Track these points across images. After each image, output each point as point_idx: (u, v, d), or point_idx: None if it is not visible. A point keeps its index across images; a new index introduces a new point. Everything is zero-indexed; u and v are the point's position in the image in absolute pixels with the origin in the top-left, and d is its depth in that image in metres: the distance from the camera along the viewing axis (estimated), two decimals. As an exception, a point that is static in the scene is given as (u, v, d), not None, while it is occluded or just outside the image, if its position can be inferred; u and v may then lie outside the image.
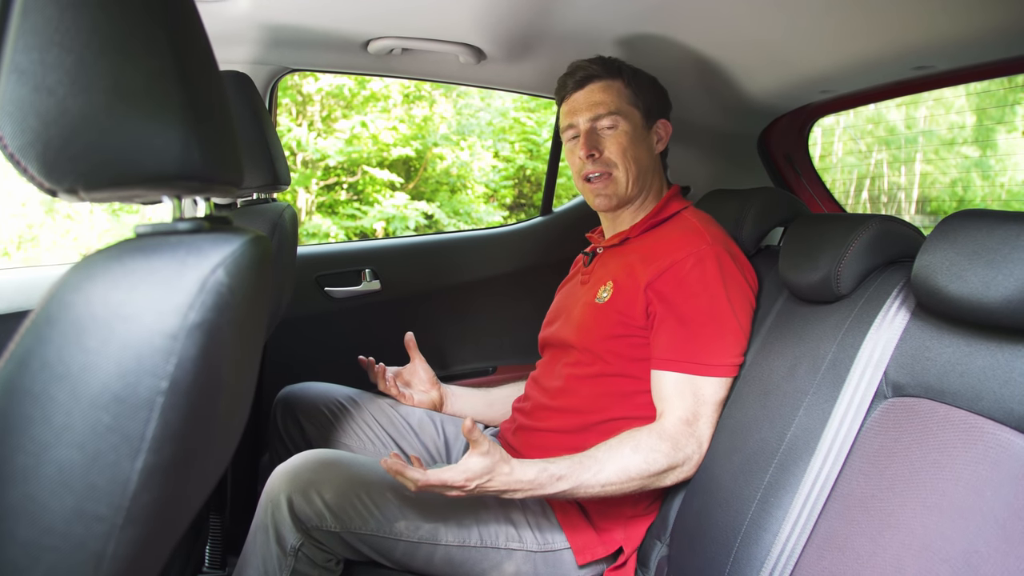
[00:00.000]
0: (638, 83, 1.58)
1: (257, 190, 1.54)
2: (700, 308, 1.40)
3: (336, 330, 2.30)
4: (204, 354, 0.52)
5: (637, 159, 1.55)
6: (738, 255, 1.49)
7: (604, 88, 1.56)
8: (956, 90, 4.74)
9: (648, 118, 1.59)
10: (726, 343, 1.40)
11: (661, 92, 1.64)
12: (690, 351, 1.38)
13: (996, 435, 0.85)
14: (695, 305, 1.40)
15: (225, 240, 0.57)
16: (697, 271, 1.41)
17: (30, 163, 0.52)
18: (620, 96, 1.56)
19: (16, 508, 0.49)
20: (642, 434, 1.34)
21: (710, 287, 1.40)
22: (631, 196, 1.58)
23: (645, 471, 1.31)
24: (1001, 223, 0.89)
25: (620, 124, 1.55)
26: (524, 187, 7.49)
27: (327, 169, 6.68)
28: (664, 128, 1.62)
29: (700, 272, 1.41)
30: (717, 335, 1.39)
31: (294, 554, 1.28)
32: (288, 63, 1.93)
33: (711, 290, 1.40)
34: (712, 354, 1.38)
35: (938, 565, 0.83)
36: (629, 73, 1.58)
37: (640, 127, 1.57)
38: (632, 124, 1.56)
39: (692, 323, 1.39)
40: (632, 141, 1.55)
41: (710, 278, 1.40)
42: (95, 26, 0.52)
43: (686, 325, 1.40)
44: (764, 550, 1.09)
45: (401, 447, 1.70)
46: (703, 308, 1.40)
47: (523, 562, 1.40)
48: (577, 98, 1.58)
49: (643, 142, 1.57)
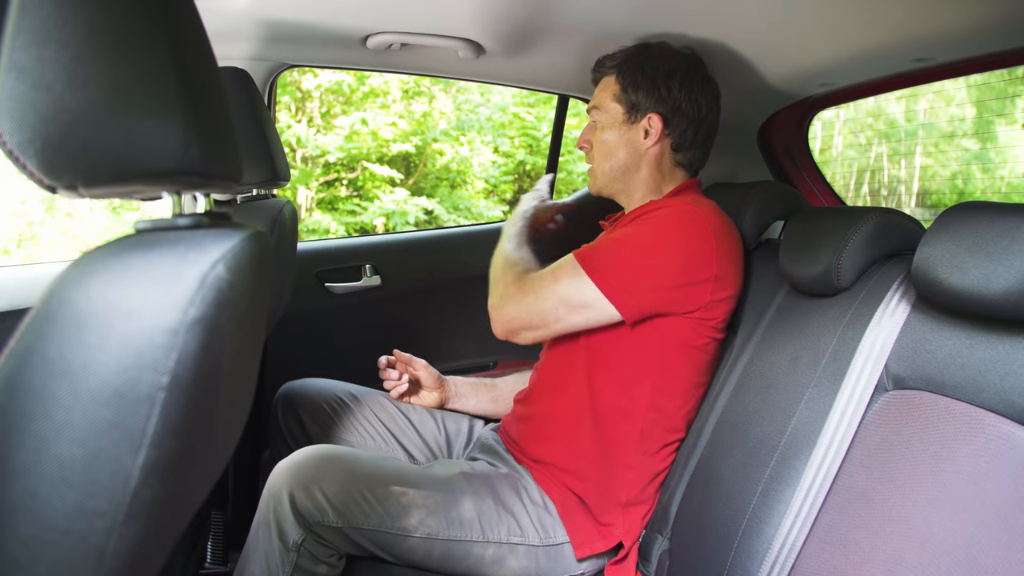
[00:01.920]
0: (627, 76, 1.57)
1: (257, 186, 1.54)
2: (633, 233, 1.42)
3: (336, 326, 2.30)
4: (205, 350, 0.52)
5: (611, 154, 1.59)
6: (722, 228, 1.46)
7: (602, 85, 1.62)
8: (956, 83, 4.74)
9: (632, 112, 1.57)
10: (628, 271, 1.39)
11: (660, 84, 1.56)
12: (593, 249, 1.43)
13: (997, 427, 0.85)
14: (632, 230, 1.43)
15: (225, 236, 0.57)
16: (660, 213, 1.44)
17: (29, 160, 0.52)
18: (608, 91, 1.59)
19: (17, 504, 0.49)
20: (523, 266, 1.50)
21: (658, 224, 1.41)
22: (616, 189, 1.63)
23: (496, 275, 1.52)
24: (1001, 215, 0.89)
25: (600, 119, 1.60)
26: (524, 182, 7.48)
27: (327, 165, 6.67)
28: (654, 124, 1.55)
29: (661, 215, 1.43)
30: (625, 259, 1.39)
31: (296, 550, 1.29)
32: (287, 59, 1.93)
33: (656, 227, 1.41)
34: (611, 264, 1.39)
35: (939, 557, 0.84)
36: (625, 66, 1.58)
37: (620, 122, 1.58)
38: (610, 120, 1.58)
39: (616, 238, 1.42)
40: (609, 136, 1.59)
41: (664, 219, 1.42)
42: (93, 22, 0.52)
43: (609, 238, 1.44)
44: (765, 543, 1.09)
45: (402, 443, 1.71)
46: (635, 234, 1.42)
47: (524, 556, 1.40)
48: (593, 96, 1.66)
49: (623, 137, 1.58)
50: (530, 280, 1.44)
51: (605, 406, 1.47)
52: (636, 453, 1.47)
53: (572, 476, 1.48)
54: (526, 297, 1.42)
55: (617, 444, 1.47)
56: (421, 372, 1.77)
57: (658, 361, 1.44)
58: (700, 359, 1.48)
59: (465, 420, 1.81)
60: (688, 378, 1.48)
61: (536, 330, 1.45)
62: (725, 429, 1.33)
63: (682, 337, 1.44)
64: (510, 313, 1.44)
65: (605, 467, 1.47)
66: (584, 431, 1.47)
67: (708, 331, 1.46)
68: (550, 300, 1.41)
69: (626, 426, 1.46)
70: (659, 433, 1.47)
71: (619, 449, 1.47)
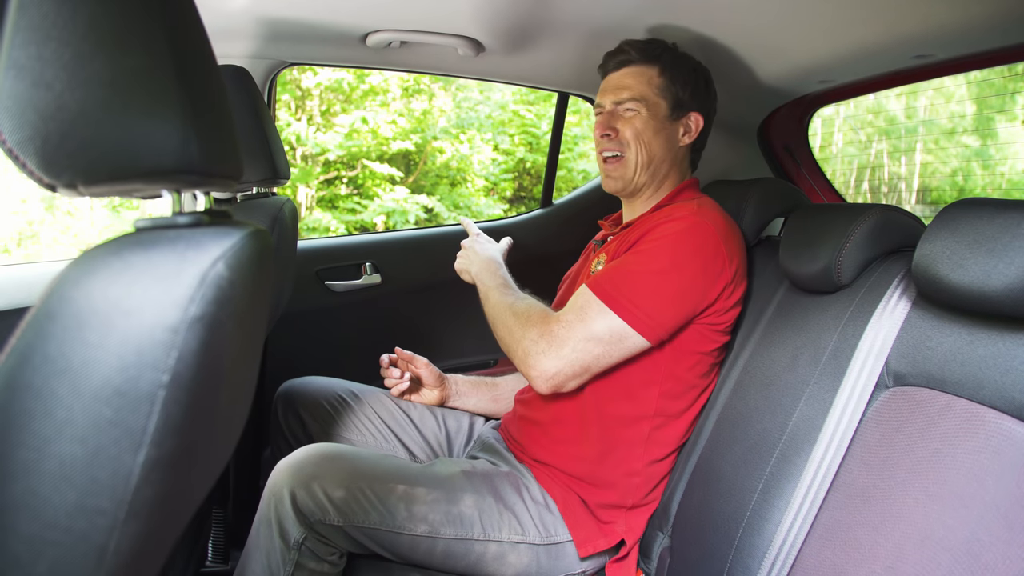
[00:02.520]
0: (674, 72, 1.56)
1: (257, 184, 1.54)
2: (650, 257, 1.40)
3: (337, 324, 2.30)
4: (205, 347, 0.52)
5: (650, 146, 1.55)
6: (728, 232, 1.46)
7: (636, 73, 1.56)
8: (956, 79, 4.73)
9: (677, 109, 1.57)
10: (653, 300, 1.38)
11: (701, 84, 1.61)
12: (614, 282, 1.40)
13: (998, 424, 0.85)
14: (647, 250, 1.41)
15: (225, 234, 0.57)
16: (670, 228, 1.42)
17: (29, 158, 0.52)
18: (649, 84, 1.56)
19: (18, 503, 0.49)
20: (538, 314, 1.44)
21: (673, 245, 1.40)
22: (641, 183, 1.58)
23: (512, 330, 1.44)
24: (1001, 212, 0.89)
25: (641, 111, 1.55)
26: (524, 180, 7.48)
27: (327, 163, 6.66)
28: (695, 121, 1.59)
29: (672, 230, 1.42)
30: (648, 288, 1.38)
31: (297, 548, 1.29)
32: (287, 57, 1.93)
33: (672, 248, 1.40)
34: (633, 297, 1.37)
35: (940, 554, 0.84)
36: (669, 61, 1.56)
37: (663, 117, 1.56)
38: (653, 113, 1.55)
39: (633, 264, 1.40)
40: (649, 128, 1.55)
41: (677, 238, 1.41)
42: (92, 20, 0.52)
43: (625, 263, 1.42)
44: (766, 540, 1.09)
45: (402, 440, 1.71)
46: (652, 258, 1.40)
47: (526, 554, 1.40)
48: (611, 79, 1.60)
49: (662, 132, 1.56)
50: (558, 329, 1.39)
51: (611, 413, 1.46)
52: (642, 460, 1.47)
53: (576, 479, 1.48)
54: (562, 350, 1.37)
55: (622, 450, 1.46)
56: (422, 370, 1.77)
57: (666, 368, 1.44)
58: (706, 363, 1.48)
59: (466, 418, 1.81)
60: (693, 383, 1.48)
61: (580, 377, 1.40)
62: (726, 426, 1.33)
63: (692, 345, 1.44)
64: (551, 368, 1.38)
65: (610, 473, 1.47)
66: (590, 437, 1.47)
67: (717, 336, 1.46)
68: (586, 345, 1.37)
69: (631, 432, 1.46)
70: (664, 439, 1.47)
71: (624, 455, 1.47)
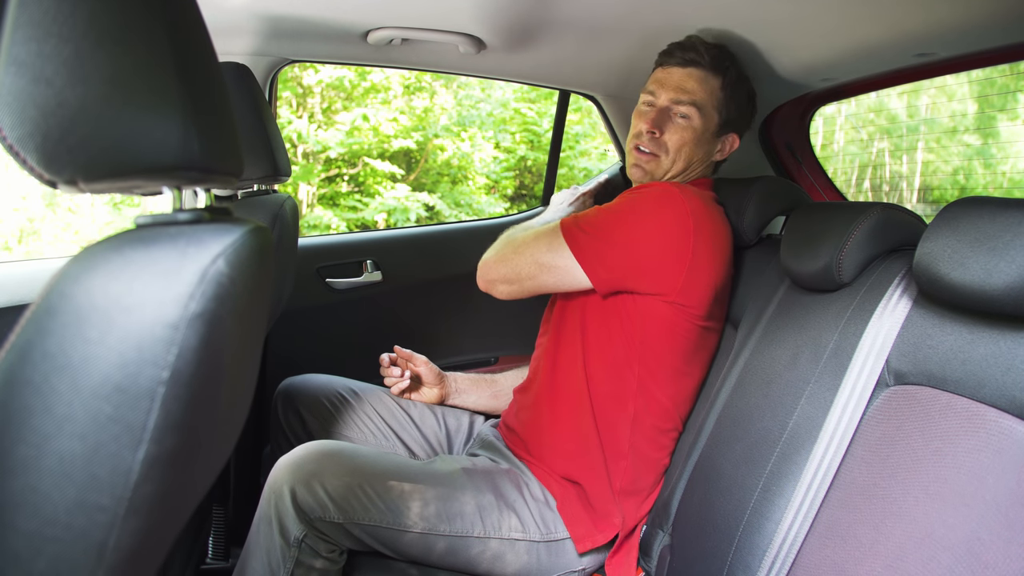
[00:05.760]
0: (734, 91, 1.57)
1: (257, 181, 1.54)
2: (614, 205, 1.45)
3: (337, 322, 2.30)
4: (205, 344, 0.52)
5: (689, 157, 1.57)
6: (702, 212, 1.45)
7: (702, 79, 1.55)
8: (958, 78, 4.72)
9: (723, 127, 1.59)
10: (608, 251, 1.41)
11: (750, 109, 1.65)
12: (576, 219, 1.46)
13: (998, 423, 0.85)
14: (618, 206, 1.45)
15: (225, 230, 0.57)
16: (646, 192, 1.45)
17: (29, 154, 0.52)
18: (711, 94, 1.55)
19: (18, 499, 0.49)
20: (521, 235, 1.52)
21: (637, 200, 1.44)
22: (665, 180, 1.60)
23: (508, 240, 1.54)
24: (1003, 210, 0.89)
25: (694, 119, 1.55)
26: (525, 178, 7.48)
27: (328, 161, 6.66)
28: (732, 143, 1.62)
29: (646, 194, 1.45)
30: (608, 239, 1.41)
31: (297, 545, 1.29)
32: (288, 54, 1.93)
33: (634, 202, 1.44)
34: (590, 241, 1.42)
35: (940, 553, 0.84)
36: (733, 77, 1.57)
37: (711, 131, 1.57)
38: (704, 125, 1.56)
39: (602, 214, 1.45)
40: (695, 139, 1.56)
41: (643, 195, 1.44)
42: (93, 16, 0.52)
43: (598, 211, 1.47)
44: (766, 539, 1.09)
45: (402, 438, 1.71)
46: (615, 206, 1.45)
47: (526, 552, 1.41)
48: (672, 73, 1.57)
49: (704, 145, 1.58)
50: (518, 239, 1.50)
51: (599, 390, 1.48)
52: (628, 440, 1.48)
53: (569, 461, 1.49)
54: (508, 254, 1.48)
55: (610, 429, 1.48)
56: (422, 368, 1.77)
57: (641, 343, 1.46)
58: (683, 346, 1.48)
59: (465, 416, 1.81)
60: (672, 364, 1.48)
61: (511, 284, 1.49)
62: (726, 424, 1.33)
63: (662, 320, 1.45)
64: (491, 266, 1.51)
65: (600, 451, 1.48)
66: (583, 413, 1.49)
67: (689, 318, 1.46)
68: (527, 258, 1.46)
69: (618, 411, 1.48)
70: (649, 420, 1.48)
71: (612, 434, 1.48)
